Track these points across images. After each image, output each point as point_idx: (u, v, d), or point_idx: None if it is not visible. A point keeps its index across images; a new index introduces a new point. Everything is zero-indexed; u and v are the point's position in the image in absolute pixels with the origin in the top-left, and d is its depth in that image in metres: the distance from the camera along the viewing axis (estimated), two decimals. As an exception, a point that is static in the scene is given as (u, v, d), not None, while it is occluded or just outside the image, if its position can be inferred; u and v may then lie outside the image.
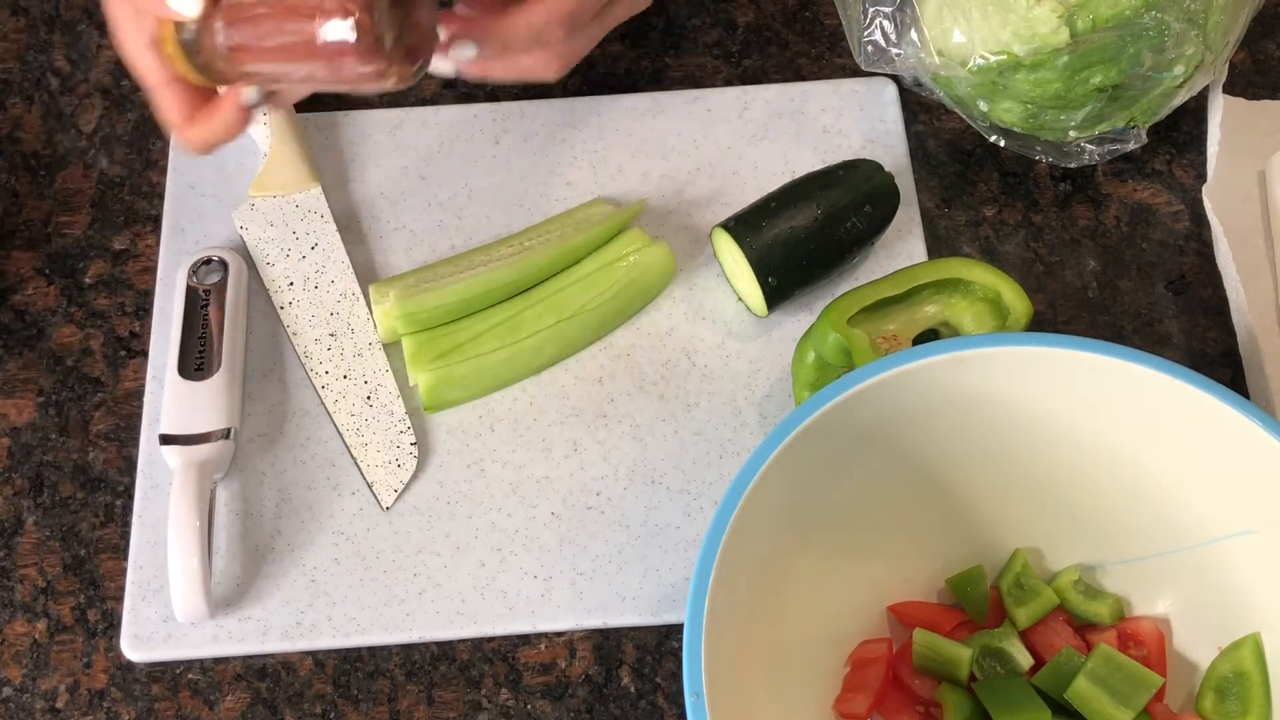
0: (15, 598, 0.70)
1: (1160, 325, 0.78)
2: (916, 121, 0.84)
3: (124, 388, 0.76)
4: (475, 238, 0.80)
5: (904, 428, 0.63)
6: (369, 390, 0.75)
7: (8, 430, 0.75)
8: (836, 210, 0.75)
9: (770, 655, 0.62)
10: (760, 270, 0.74)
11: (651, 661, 0.69)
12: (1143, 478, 0.63)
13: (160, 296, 0.78)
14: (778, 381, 0.76)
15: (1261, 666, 0.62)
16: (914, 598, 0.68)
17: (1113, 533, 0.66)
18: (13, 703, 0.68)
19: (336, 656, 0.69)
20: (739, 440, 0.74)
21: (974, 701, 0.63)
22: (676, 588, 0.70)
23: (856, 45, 0.78)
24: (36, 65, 0.86)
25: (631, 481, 0.73)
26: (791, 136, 0.83)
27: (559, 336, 0.75)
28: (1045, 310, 0.78)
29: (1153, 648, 0.65)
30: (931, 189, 0.82)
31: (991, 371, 0.61)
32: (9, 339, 0.77)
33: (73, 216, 0.81)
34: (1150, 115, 0.77)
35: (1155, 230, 0.81)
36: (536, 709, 0.68)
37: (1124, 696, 0.61)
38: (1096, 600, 0.66)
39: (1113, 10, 0.71)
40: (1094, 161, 0.78)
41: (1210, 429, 0.59)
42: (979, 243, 0.80)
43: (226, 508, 0.72)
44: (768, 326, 0.77)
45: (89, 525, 0.72)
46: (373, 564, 0.71)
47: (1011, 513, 0.67)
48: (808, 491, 0.61)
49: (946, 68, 0.76)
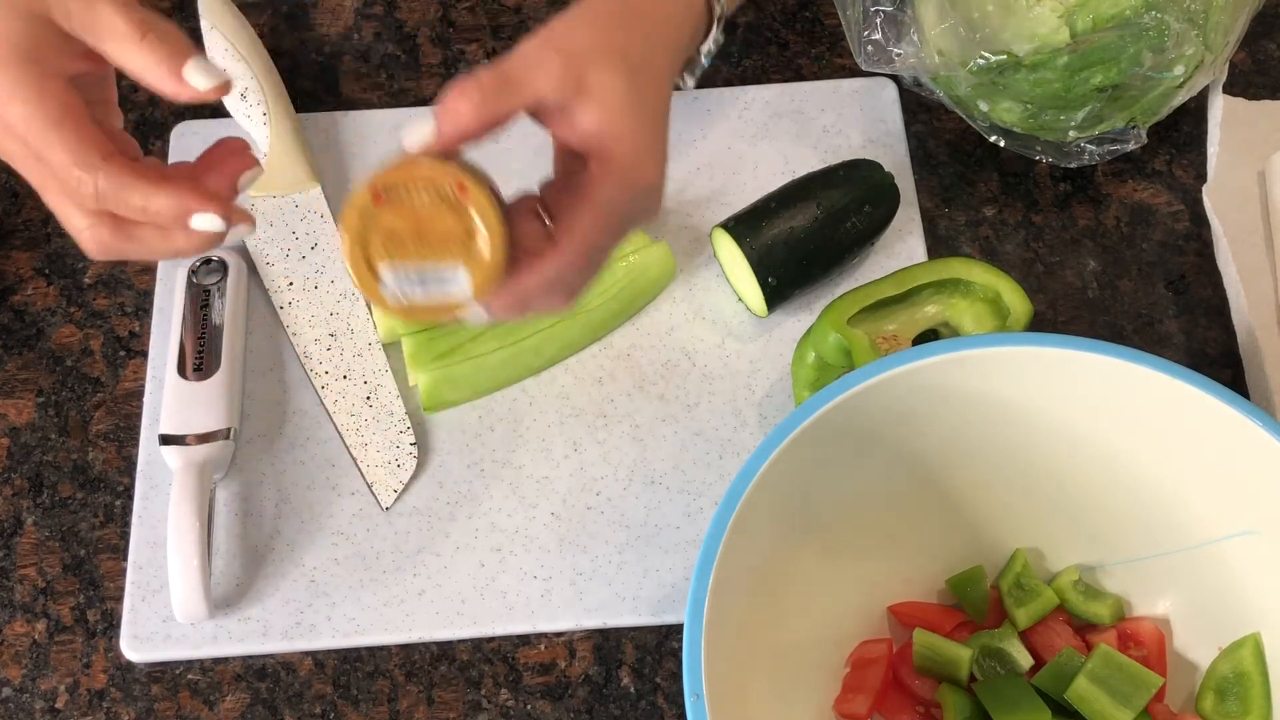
0: (15, 598, 0.70)
1: (1160, 325, 0.78)
2: (916, 121, 0.84)
3: (124, 388, 0.76)
4: (475, 238, 0.80)
5: (904, 428, 0.63)
6: (369, 390, 0.75)
7: (7, 430, 0.75)
8: (836, 210, 0.75)
9: (770, 655, 0.62)
10: (760, 270, 0.74)
11: (651, 661, 0.69)
12: (1143, 478, 0.63)
13: (160, 296, 0.78)
14: (778, 381, 0.76)
15: (1261, 666, 0.62)
16: (914, 598, 0.68)
17: (1113, 533, 0.66)
18: (12, 703, 0.68)
19: (336, 656, 0.69)
20: (739, 440, 0.74)
21: (974, 702, 0.63)
22: (676, 588, 0.70)
23: (856, 45, 0.78)
24: (36, 65, 0.86)
25: (631, 482, 0.73)
26: (791, 136, 0.83)
27: (558, 337, 0.75)
28: (1045, 310, 0.78)
29: (1153, 648, 0.65)
30: (931, 189, 0.82)
31: (991, 371, 0.61)
32: (9, 339, 0.77)
33: (72, 216, 0.81)
34: (1150, 115, 0.77)
35: (1155, 230, 0.81)
36: (536, 709, 0.68)
37: (1124, 697, 0.61)
38: (1096, 600, 0.66)
39: (1113, 10, 0.71)
40: (1094, 161, 0.78)
41: (1210, 429, 0.59)
42: (979, 243, 0.80)
43: (226, 508, 0.72)
44: (768, 326, 0.77)
45: (89, 525, 0.72)
46: (372, 564, 0.71)
47: (1011, 513, 0.67)
48: (808, 491, 0.61)
49: (946, 68, 0.76)
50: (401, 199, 0.45)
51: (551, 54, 0.54)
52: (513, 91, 0.53)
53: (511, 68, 0.53)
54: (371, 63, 0.87)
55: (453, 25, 0.88)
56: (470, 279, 0.46)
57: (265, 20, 0.87)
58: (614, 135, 0.54)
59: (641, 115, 0.54)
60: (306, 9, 0.88)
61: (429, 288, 0.48)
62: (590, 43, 0.54)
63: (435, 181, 0.46)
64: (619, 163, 0.53)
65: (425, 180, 0.46)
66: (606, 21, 0.56)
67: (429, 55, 0.87)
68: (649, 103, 0.55)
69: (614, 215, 0.54)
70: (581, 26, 0.55)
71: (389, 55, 0.87)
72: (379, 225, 0.46)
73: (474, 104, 0.52)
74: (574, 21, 0.56)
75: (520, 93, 0.53)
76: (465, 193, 0.46)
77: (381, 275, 0.48)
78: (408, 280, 0.48)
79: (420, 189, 0.46)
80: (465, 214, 0.46)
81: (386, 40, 0.87)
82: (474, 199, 0.47)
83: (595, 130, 0.54)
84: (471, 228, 0.46)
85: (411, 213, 0.45)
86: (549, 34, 0.55)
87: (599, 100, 0.54)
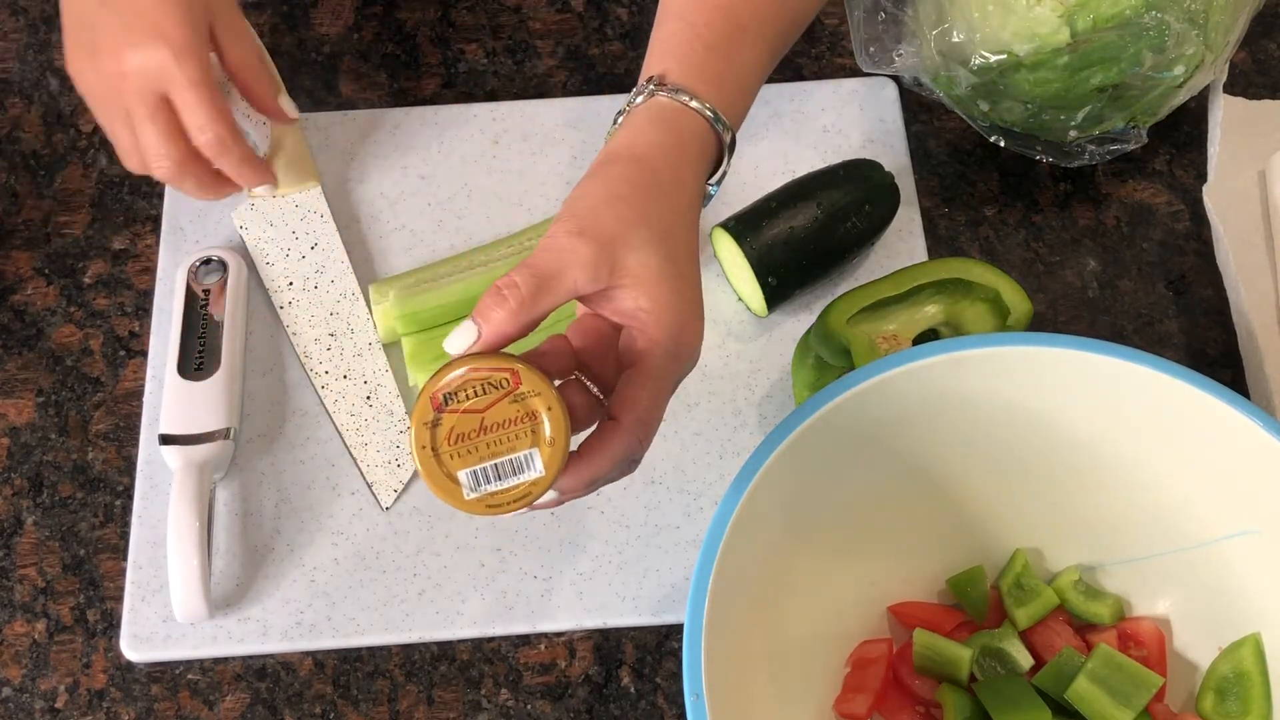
0: (15, 598, 0.70)
1: (1160, 325, 0.78)
2: (916, 121, 0.84)
3: (124, 388, 0.76)
4: (475, 238, 0.80)
5: (904, 428, 0.63)
6: (369, 390, 0.75)
7: (7, 430, 0.75)
8: (836, 210, 0.75)
9: (770, 655, 0.62)
10: (760, 270, 0.74)
11: (651, 661, 0.69)
12: (1143, 478, 0.63)
13: (160, 296, 0.78)
14: (778, 381, 0.76)
15: (1261, 666, 0.62)
16: (914, 598, 0.68)
17: (1113, 533, 0.66)
18: (12, 703, 0.68)
19: (336, 656, 0.69)
20: (739, 440, 0.74)
21: (974, 702, 0.63)
22: (676, 588, 0.70)
23: (857, 45, 0.78)
24: (36, 65, 0.86)
25: (631, 481, 0.73)
26: (791, 136, 0.83)
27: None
28: (1045, 310, 0.78)
29: (1153, 648, 0.65)
30: (931, 189, 0.82)
31: (991, 371, 0.61)
32: (9, 339, 0.77)
33: (72, 216, 0.81)
34: (1150, 115, 0.77)
35: (1155, 230, 0.81)
36: (536, 709, 0.68)
37: (1124, 696, 0.61)
38: (1096, 600, 0.66)
39: (1113, 10, 0.71)
40: (1094, 161, 0.78)
41: (1210, 429, 0.59)
42: (979, 243, 0.80)
43: (226, 508, 0.72)
44: (768, 326, 0.77)
45: (89, 525, 0.72)
46: (372, 564, 0.71)
47: (1011, 513, 0.67)
48: (808, 491, 0.61)
49: (946, 68, 0.76)
50: (460, 401, 0.48)
51: (581, 244, 0.53)
52: (550, 291, 0.53)
53: (544, 264, 0.53)
54: (371, 63, 0.86)
55: (453, 25, 0.88)
56: (542, 460, 0.48)
57: (265, 20, 0.87)
58: (656, 311, 0.54)
59: (678, 284, 0.55)
60: (306, 9, 0.88)
61: (505, 479, 0.50)
62: (617, 224, 0.54)
63: (487, 377, 0.48)
64: (665, 336, 0.54)
65: (478, 379, 0.48)
66: (629, 194, 0.56)
67: (429, 55, 0.87)
68: (683, 268, 0.55)
69: (666, 383, 0.55)
70: (605, 207, 0.55)
71: (389, 55, 0.87)
72: (445, 433, 0.48)
73: (512, 311, 0.52)
74: (596, 201, 0.55)
75: (557, 291, 0.53)
76: (519, 379, 0.48)
77: (460, 480, 0.50)
78: (485, 477, 0.50)
79: (475, 387, 0.48)
80: (523, 400, 0.48)
81: (386, 40, 0.87)
82: (528, 383, 0.49)
83: (636, 309, 0.54)
84: (532, 411, 0.48)
85: (473, 412, 0.48)
86: (575, 219, 0.55)
87: (636, 280, 0.54)
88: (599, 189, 0.56)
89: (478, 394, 0.48)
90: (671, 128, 0.59)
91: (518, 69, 0.86)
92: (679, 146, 0.59)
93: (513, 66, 0.86)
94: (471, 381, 0.48)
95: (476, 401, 0.48)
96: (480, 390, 0.48)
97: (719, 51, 0.61)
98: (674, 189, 0.57)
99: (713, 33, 0.62)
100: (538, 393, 0.49)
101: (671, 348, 0.54)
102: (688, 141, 0.59)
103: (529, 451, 0.49)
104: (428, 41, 0.87)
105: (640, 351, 0.54)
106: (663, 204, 0.56)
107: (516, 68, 0.86)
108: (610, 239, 0.54)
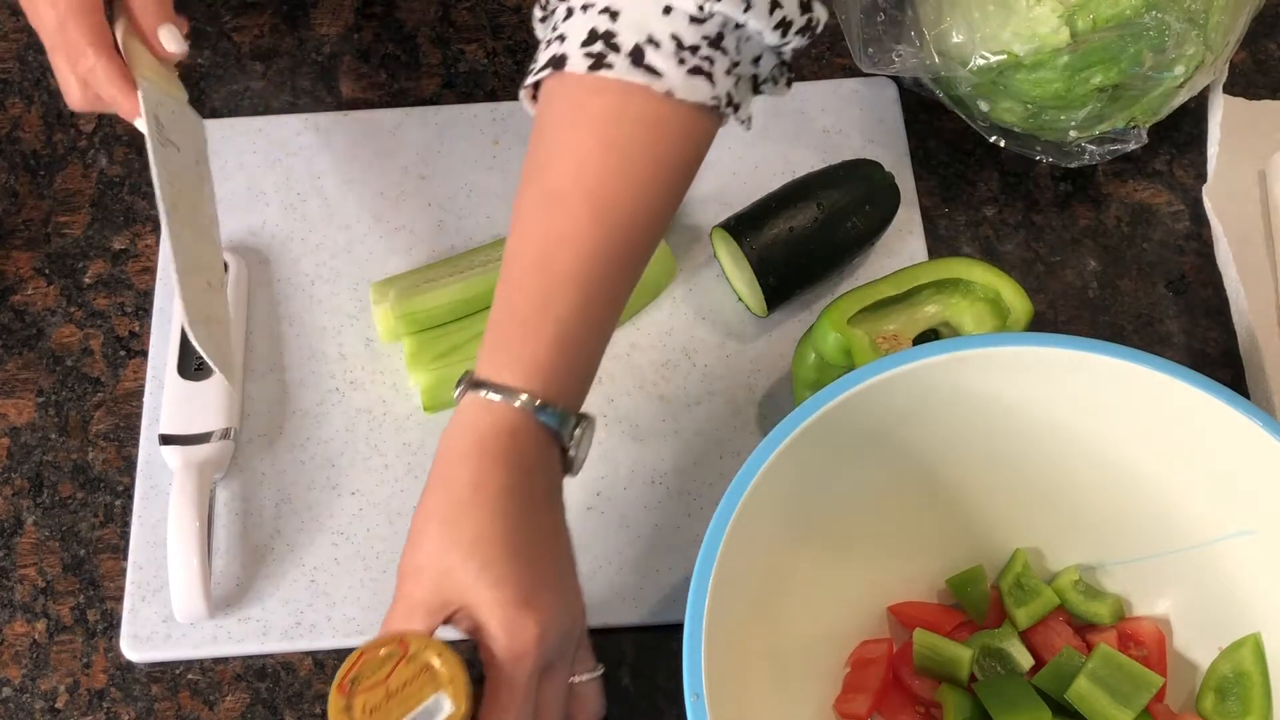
0: (15, 598, 0.70)
1: (1160, 325, 0.78)
2: (916, 121, 0.84)
3: (124, 388, 0.76)
4: (475, 238, 0.80)
5: (904, 428, 0.63)
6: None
7: (7, 430, 0.75)
8: (836, 210, 0.75)
9: (770, 655, 0.62)
10: (760, 270, 0.74)
11: (651, 661, 0.69)
12: (1142, 478, 0.63)
13: (160, 296, 0.78)
14: (778, 381, 0.76)
15: (1261, 666, 0.62)
16: (914, 598, 0.68)
17: (1113, 533, 0.66)
18: (12, 703, 0.68)
19: (336, 656, 0.69)
20: (739, 440, 0.74)
21: (974, 702, 0.63)
22: (676, 588, 0.70)
23: (857, 46, 0.78)
24: (36, 65, 0.86)
25: (631, 481, 0.73)
26: (791, 136, 0.83)
27: (559, 336, 0.75)
28: (1045, 310, 0.78)
29: (1153, 648, 0.65)
30: (931, 189, 0.82)
31: (991, 371, 0.61)
32: (9, 339, 0.77)
33: (72, 216, 0.81)
34: (1150, 115, 0.77)
35: (1155, 230, 0.81)
36: (536, 709, 0.68)
37: (1124, 697, 0.61)
38: (1096, 600, 0.66)
39: (1113, 10, 0.71)
40: (1094, 161, 0.78)
41: (1210, 429, 0.59)
42: (979, 243, 0.80)
43: (226, 508, 0.72)
44: (768, 326, 0.77)
45: (89, 525, 0.72)
46: (372, 564, 0.71)
47: (1011, 513, 0.67)
48: (808, 491, 0.61)
49: (946, 68, 0.76)
50: (363, 680, 0.53)
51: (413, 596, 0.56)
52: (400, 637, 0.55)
53: (391, 621, 0.57)
54: (371, 63, 0.87)
55: (453, 25, 0.88)
56: (449, 698, 0.53)
57: (265, 20, 0.87)
58: (486, 626, 0.55)
59: (501, 591, 0.55)
60: (306, 9, 0.88)
61: None
62: (435, 561, 0.56)
63: (379, 654, 0.54)
64: (500, 648, 0.55)
65: (373, 658, 0.54)
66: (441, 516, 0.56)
67: (429, 55, 0.87)
68: (502, 569, 0.55)
69: (516, 680, 0.55)
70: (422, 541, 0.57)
71: (389, 55, 0.87)
72: (359, 711, 0.53)
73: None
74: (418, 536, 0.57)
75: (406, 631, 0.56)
76: (405, 644, 0.54)
77: None
78: None
79: (372, 664, 0.54)
80: (415, 659, 0.54)
81: (386, 40, 0.87)
82: (415, 644, 0.54)
83: (470, 629, 0.56)
84: (426, 663, 0.54)
85: (377, 685, 0.53)
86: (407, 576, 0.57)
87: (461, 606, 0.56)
88: (417, 519, 0.57)
89: (376, 669, 0.54)
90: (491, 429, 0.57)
91: (518, 69, 0.86)
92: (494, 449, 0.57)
93: (513, 66, 0.86)
94: (368, 662, 0.54)
95: (377, 676, 0.54)
96: (377, 666, 0.54)
97: (530, 325, 0.58)
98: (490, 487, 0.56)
99: (525, 298, 0.58)
100: (425, 647, 0.54)
101: (510, 646, 0.55)
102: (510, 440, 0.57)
103: (436, 696, 0.54)
104: (428, 41, 0.87)
105: (487, 662, 0.56)
106: (478, 513, 0.56)
107: (516, 68, 0.86)
108: (432, 582, 0.56)
